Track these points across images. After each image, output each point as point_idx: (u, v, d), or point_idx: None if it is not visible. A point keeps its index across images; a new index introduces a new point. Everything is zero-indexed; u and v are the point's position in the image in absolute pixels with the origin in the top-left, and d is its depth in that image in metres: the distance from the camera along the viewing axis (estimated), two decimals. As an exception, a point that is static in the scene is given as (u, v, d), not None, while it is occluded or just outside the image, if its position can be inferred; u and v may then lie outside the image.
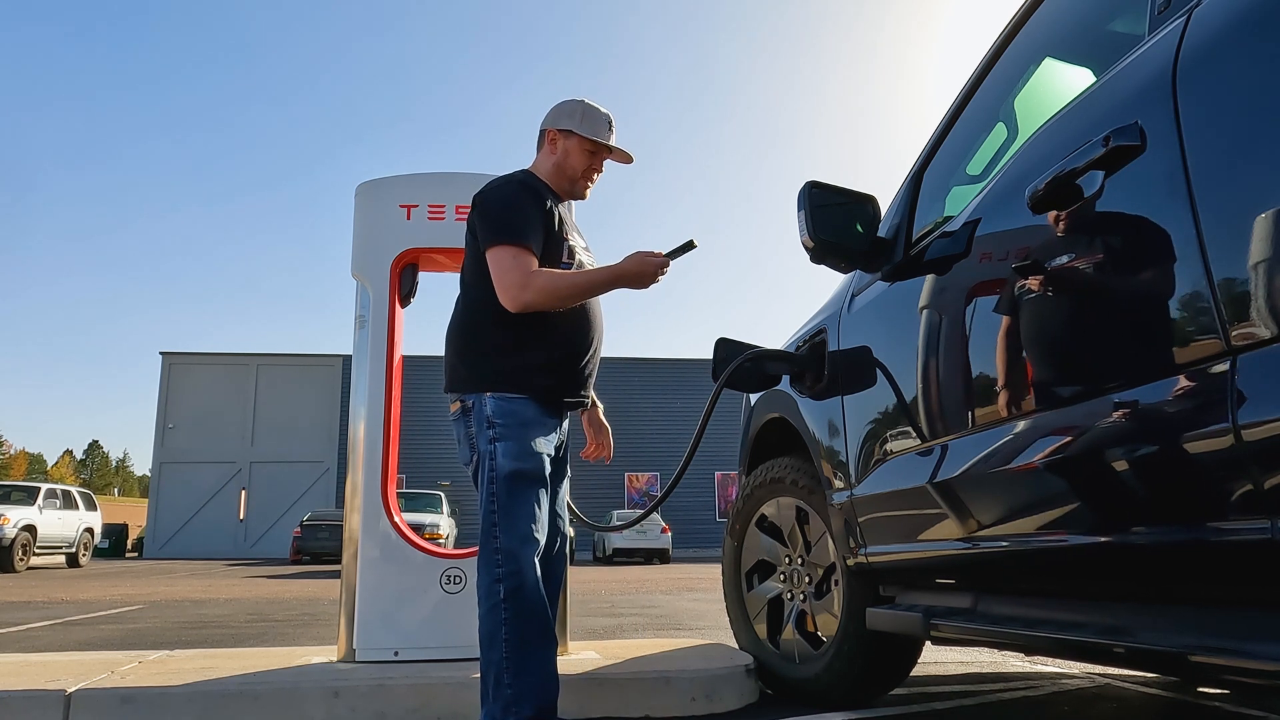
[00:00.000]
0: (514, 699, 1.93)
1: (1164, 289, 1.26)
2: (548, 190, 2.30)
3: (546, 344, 2.18)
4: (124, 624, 5.92)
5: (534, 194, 2.22)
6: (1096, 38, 1.77)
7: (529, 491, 2.09)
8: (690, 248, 2.29)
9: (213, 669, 2.76)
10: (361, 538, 2.98)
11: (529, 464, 2.10)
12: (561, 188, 2.36)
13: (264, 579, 12.57)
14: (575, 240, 2.31)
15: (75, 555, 16.90)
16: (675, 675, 2.67)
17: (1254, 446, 1.08)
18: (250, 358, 30.30)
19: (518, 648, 1.96)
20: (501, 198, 2.20)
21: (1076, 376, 1.46)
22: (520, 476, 2.09)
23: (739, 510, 3.10)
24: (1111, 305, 1.38)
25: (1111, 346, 1.39)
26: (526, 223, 2.16)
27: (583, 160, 2.34)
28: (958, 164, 2.14)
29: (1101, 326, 1.41)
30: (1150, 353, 1.30)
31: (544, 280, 2.10)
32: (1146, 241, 1.30)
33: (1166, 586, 1.39)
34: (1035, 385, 1.56)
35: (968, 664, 3.58)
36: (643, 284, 2.21)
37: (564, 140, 2.33)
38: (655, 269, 2.19)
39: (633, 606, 7.21)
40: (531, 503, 2.09)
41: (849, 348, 2.38)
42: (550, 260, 2.19)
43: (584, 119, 2.33)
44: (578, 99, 2.39)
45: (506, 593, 1.98)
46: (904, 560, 2.10)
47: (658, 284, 2.25)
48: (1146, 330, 1.31)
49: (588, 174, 2.36)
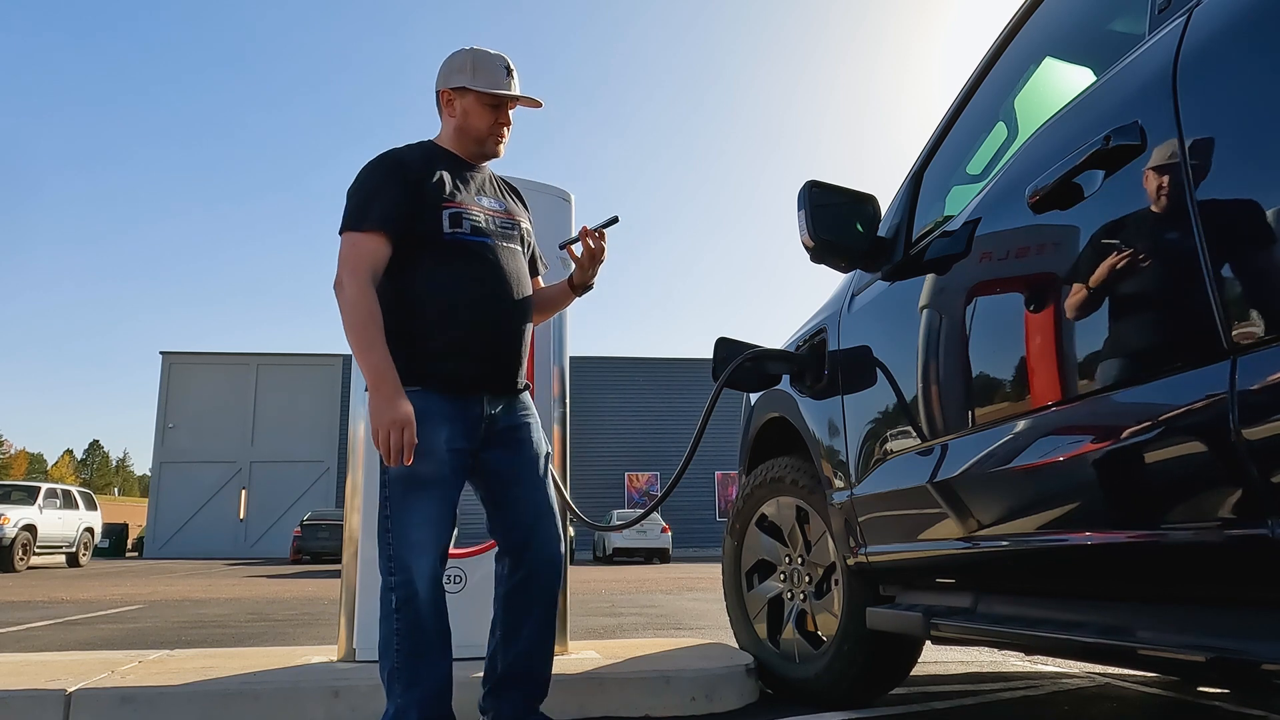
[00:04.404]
0: (403, 708, 1.89)
1: (1164, 289, 1.27)
2: (431, 157, 2.08)
3: (444, 329, 1.98)
4: (124, 623, 5.92)
5: (388, 166, 2.01)
6: (1096, 37, 1.77)
7: (421, 495, 1.92)
8: (613, 222, 2.21)
9: (213, 669, 2.76)
10: (361, 538, 2.98)
11: (424, 468, 1.90)
12: (469, 151, 2.15)
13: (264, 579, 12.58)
14: (476, 204, 2.08)
15: (75, 555, 16.91)
16: (675, 675, 2.67)
17: (1254, 446, 1.08)
18: (250, 357, 30.33)
19: (409, 657, 1.89)
20: (356, 180, 2.02)
21: (1076, 376, 1.46)
22: (409, 480, 1.92)
23: (739, 510, 3.10)
24: (1111, 305, 1.38)
25: (1111, 346, 1.39)
26: (367, 205, 1.97)
27: (485, 117, 2.10)
28: (958, 163, 2.14)
29: (1101, 326, 1.41)
30: (1150, 353, 1.30)
31: (347, 293, 1.90)
32: (1146, 241, 1.30)
33: (1166, 586, 1.39)
34: (1035, 385, 1.56)
35: (968, 664, 3.58)
36: (374, 418, 1.85)
37: (460, 99, 2.11)
38: (382, 428, 1.82)
39: (633, 606, 7.21)
40: (424, 507, 1.92)
41: (849, 347, 2.38)
42: (427, 229, 1.99)
43: (476, 71, 2.08)
44: (467, 49, 2.13)
45: (398, 603, 1.90)
46: (904, 560, 2.10)
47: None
48: (1146, 330, 1.31)
49: (495, 130, 2.13)
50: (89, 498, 18.11)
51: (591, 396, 27.06)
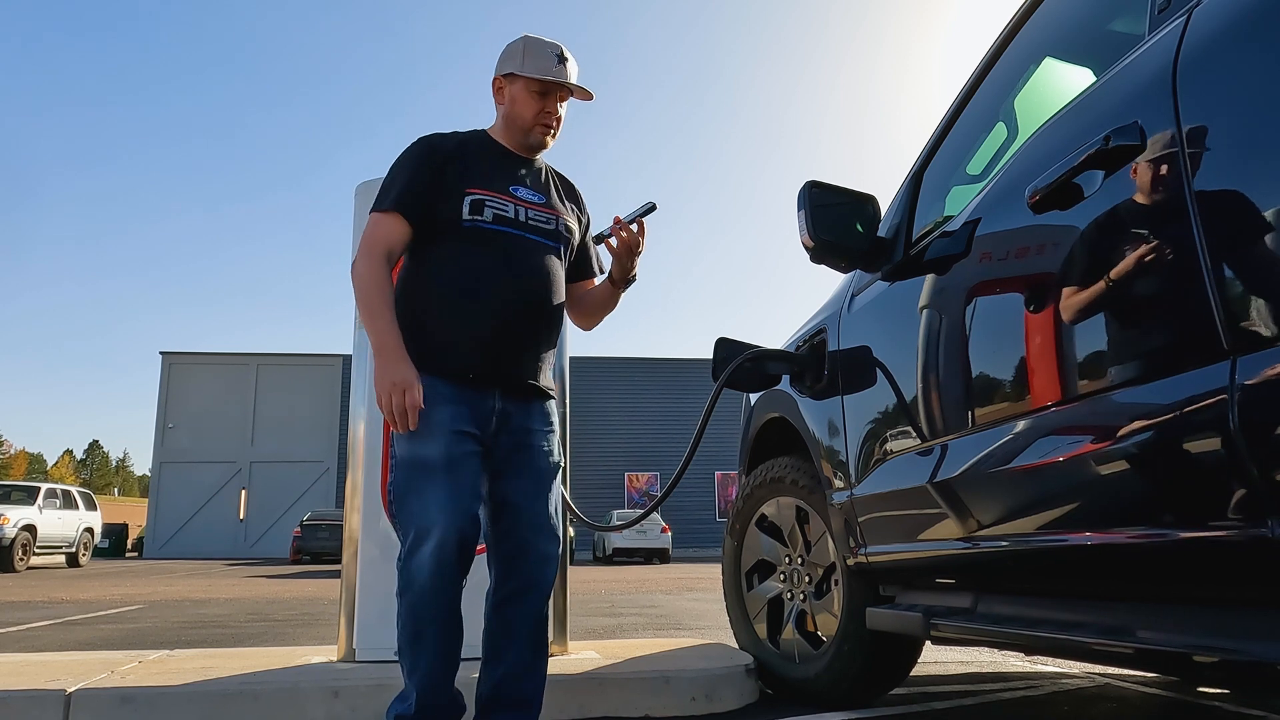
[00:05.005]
0: (406, 693, 1.89)
1: (1164, 289, 1.27)
2: (469, 143, 2.05)
3: (450, 319, 1.93)
4: (124, 624, 5.92)
5: (419, 149, 2.01)
6: (1096, 37, 1.77)
7: (427, 478, 1.86)
8: (650, 210, 2.11)
9: (213, 669, 2.76)
10: (361, 538, 2.98)
11: (426, 449, 1.86)
12: (516, 141, 2.09)
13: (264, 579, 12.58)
14: (510, 194, 2.01)
15: (75, 555, 16.91)
16: (675, 675, 2.67)
17: (1254, 446, 1.08)
18: (250, 357, 30.34)
19: (410, 641, 1.87)
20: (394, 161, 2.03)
21: (1076, 376, 1.46)
22: (415, 464, 1.87)
23: (739, 510, 3.10)
24: (1111, 305, 1.38)
25: (1111, 347, 1.39)
26: (390, 186, 1.97)
27: (531, 105, 2.04)
28: (958, 164, 2.14)
29: (1101, 326, 1.41)
30: (1150, 353, 1.30)
31: (358, 268, 1.92)
32: (1146, 241, 1.30)
33: (1166, 586, 1.39)
34: (1035, 385, 1.56)
35: (968, 664, 3.58)
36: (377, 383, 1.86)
37: (509, 86, 2.06)
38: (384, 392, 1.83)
39: (633, 606, 7.21)
40: (431, 490, 1.85)
41: (849, 347, 2.38)
42: (448, 215, 1.95)
43: (526, 56, 2.03)
44: (522, 36, 2.08)
45: (400, 586, 1.88)
46: (904, 560, 2.10)
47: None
48: (1146, 330, 1.31)
49: (541, 118, 2.06)
50: (89, 498, 18.11)
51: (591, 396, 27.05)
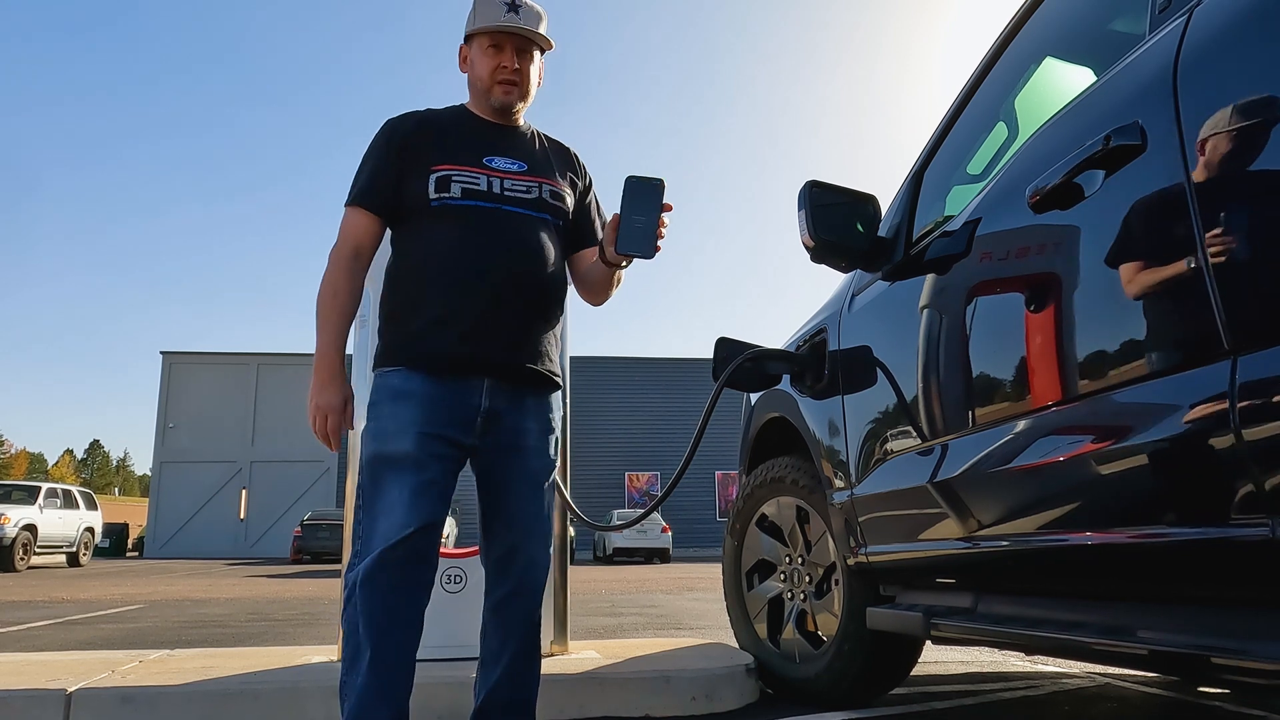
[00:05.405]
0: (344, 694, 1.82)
1: (1164, 289, 1.26)
2: (431, 120, 1.96)
3: (422, 303, 1.84)
4: (124, 623, 5.93)
5: (379, 136, 1.93)
6: (1096, 37, 1.77)
7: (391, 477, 1.76)
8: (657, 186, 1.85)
9: (213, 668, 2.76)
10: (362, 537, 2.97)
11: (391, 445, 1.77)
12: (484, 106, 1.98)
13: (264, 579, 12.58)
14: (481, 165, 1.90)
15: (76, 554, 16.92)
16: (675, 675, 2.67)
17: (1254, 446, 1.08)
18: (251, 357, 30.35)
19: (348, 664, 1.80)
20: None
21: (1076, 376, 1.46)
22: (379, 460, 1.78)
23: (739, 510, 3.10)
24: (1111, 305, 1.38)
25: (1111, 346, 1.39)
26: (355, 179, 1.92)
27: (486, 62, 1.92)
28: (958, 163, 2.14)
29: (1101, 326, 1.40)
30: (1150, 353, 1.29)
31: (324, 274, 1.88)
32: (1146, 241, 1.30)
33: (1167, 586, 1.39)
34: (1035, 385, 1.56)
35: (968, 664, 3.58)
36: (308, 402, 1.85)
37: (467, 49, 1.98)
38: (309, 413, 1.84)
39: (633, 606, 7.21)
40: (393, 491, 1.76)
41: (849, 347, 2.38)
42: (415, 198, 1.87)
43: (476, 13, 1.92)
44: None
45: (349, 587, 1.79)
46: (904, 560, 2.10)
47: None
48: (1146, 330, 1.31)
49: (498, 74, 1.91)
50: (89, 497, 18.12)
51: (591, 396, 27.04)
